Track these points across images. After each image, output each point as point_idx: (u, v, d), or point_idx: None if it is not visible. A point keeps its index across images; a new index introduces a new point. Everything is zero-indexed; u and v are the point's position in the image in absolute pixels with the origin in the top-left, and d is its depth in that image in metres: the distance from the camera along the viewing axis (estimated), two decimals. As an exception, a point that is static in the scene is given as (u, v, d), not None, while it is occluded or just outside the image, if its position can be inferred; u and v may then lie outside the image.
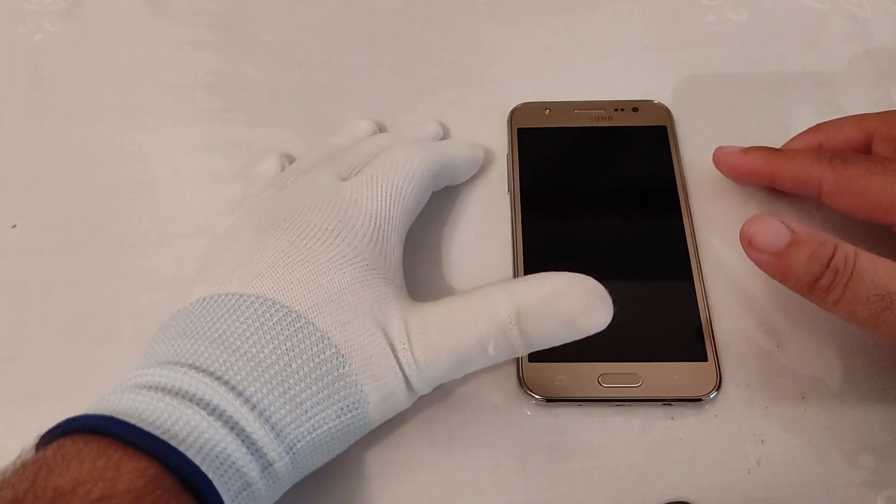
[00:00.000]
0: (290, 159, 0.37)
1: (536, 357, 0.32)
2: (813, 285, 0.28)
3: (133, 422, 0.23)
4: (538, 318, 0.27)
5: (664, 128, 0.38)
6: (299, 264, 0.28)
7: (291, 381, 0.25)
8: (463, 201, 0.37)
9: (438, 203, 0.37)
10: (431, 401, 0.32)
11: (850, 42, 0.42)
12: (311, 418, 0.26)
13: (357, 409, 0.27)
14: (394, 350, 0.27)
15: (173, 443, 0.23)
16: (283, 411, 0.25)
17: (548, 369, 0.32)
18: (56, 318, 0.34)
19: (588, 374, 0.31)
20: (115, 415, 0.23)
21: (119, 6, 0.45)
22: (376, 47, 0.43)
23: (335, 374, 0.26)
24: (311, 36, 0.43)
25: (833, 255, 0.27)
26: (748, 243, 0.29)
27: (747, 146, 0.35)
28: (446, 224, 0.37)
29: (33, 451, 0.24)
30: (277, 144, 0.39)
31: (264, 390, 0.25)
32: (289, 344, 0.26)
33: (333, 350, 0.26)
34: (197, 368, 0.25)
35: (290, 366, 0.26)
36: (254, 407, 0.25)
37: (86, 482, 0.21)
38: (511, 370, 0.32)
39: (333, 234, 0.29)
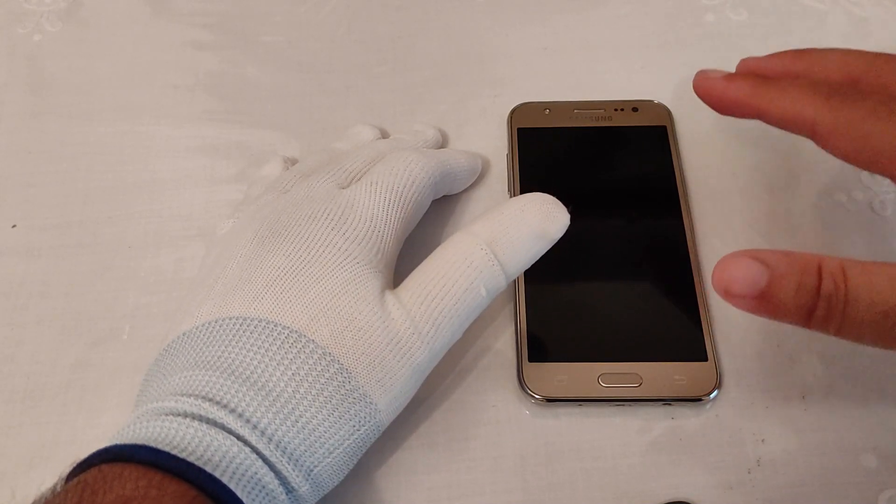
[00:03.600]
0: (294, 163, 0.37)
1: (536, 357, 0.32)
2: (809, 318, 0.25)
3: (166, 449, 0.23)
4: (510, 244, 0.28)
5: (664, 128, 0.38)
6: (296, 279, 0.28)
7: (302, 407, 0.25)
8: (464, 202, 0.37)
9: (439, 203, 0.36)
10: (431, 401, 0.32)
11: (850, 42, 0.41)
12: (324, 443, 0.26)
13: (370, 421, 0.27)
14: (399, 342, 0.27)
15: (208, 468, 0.23)
16: (296, 441, 0.25)
17: (548, 369, 0.32)
18: (55, 319, 0.34)
19: (588, 374, 0.31)
20: (146, 443, 0.23)
21: (119, 6, 0.45)
22: (376, 48, 0.43)
23: (343, 391, 0.26)
24: (311, 36, 0.43)
25: (820, 281, 0.24)
26: (725, 292, 0.25)
27: (733, 72, 0.32)
28: (447, 224, 0.36)
29: (64, 481, 0.24)
30: (277, 145, 0.39)
31: (277, 421, 0.25)
32: (294, 367, 0.26)
33: (337, 366, 0.26)
34: (211, 401, 0.25)
35: (299, 391, 0.26)
36: (270, 439, 0.25)
37: (132, 499, 0.21)
38: (511, 370, 0.32)
39: (326, 244, 0.29)
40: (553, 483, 0.30)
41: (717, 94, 0.32)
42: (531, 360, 0.32)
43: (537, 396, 0.31)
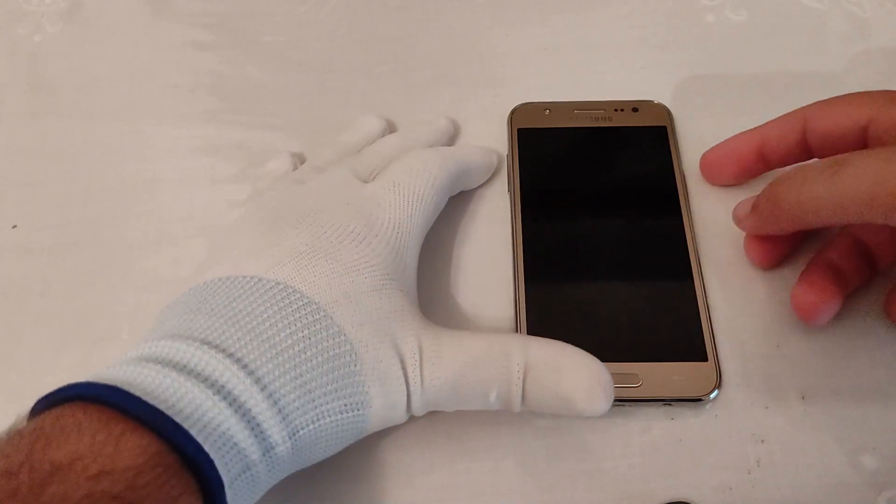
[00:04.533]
0: (302, 159, 0.37)
1: (536, 357, 0.32)
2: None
3: (137, 394, 0.22)
4: (542, 384, 0.27)
5: (664, 128, 0.38)
6: (323, 260, 0.28)
7: (304, 367, 0.25)
8: (463, 201, 0.37)
9: (439, 202, 0.37)
10: (431, 401, 0.32)
11: (850, 42, 0.42)
12: (317, 407, 0.26)
13: (360, 409, 0.27)
14: (403, 364, 0.27)
15: (178, 419, 0.22)
16: (292, 395, 0.25)
17: (548, 369, 0.32)
18: (55, 318, 0.34)
19: (588, 374, 0.31)
20: (119, 385, 0.22)
21: (119, 6, 0.45)
22: (376, 47, 0.43)
23: (346, 369, 0.26)
24: (312, 36, 0.43)
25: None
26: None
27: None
28: (447, 224, 0.36)
29: (26, 419, 0.23)
30: (277, 145, 0.39)
31: (276, 373, 0.25)
32: (305, 332, 0.26)
33: (348, 346, 0.26)
34: (209, 344, 0.24)
35: (304, 353, 0.25)
36: (264, 388, 0.24)
37: (84, 457, 0.21)
38: (511, 370, 0.32)
39: (359, 238, 0.29)
40: (553, 484, 0.30)
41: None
42: (531, 360, 0.32)
43: (537, 396, 0.31)
